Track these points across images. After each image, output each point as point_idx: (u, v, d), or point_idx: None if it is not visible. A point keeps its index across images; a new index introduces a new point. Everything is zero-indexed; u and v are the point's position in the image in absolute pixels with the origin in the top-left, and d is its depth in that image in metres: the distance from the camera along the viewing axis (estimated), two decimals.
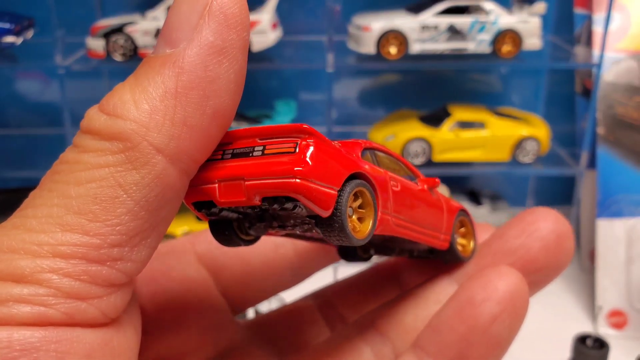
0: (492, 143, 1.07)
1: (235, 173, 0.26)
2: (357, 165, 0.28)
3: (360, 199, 0.28)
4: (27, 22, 1.05)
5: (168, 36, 0.26)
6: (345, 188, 0.26)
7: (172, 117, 0.25)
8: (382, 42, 1.00)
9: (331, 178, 0.26)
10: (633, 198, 0.99)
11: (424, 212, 0.34)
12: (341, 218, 0.26)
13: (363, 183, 0.28)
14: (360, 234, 0.27)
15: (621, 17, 1.03)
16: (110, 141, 0.24)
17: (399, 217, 0.31)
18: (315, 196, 0.25)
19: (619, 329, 0.95)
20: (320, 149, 0.26)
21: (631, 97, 1.01)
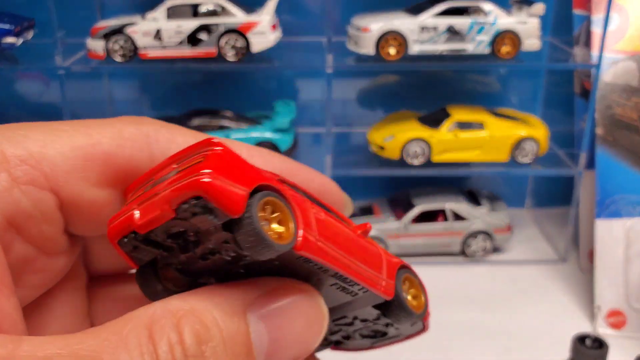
0: (490, 144, 1.07)
1: (150, 194, 0.27)
2: (270, 180, 0.27)
3: (278, 213, 0.27)
4: (27, 23, 1.06)
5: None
6: (255, 194, 0.26)
7: None
8: (381, 43, 1.01)
9: (240, 181, 0.26)
10: (631, 198, 1.00)
11: (357, 249, 0.31)
12: (253, 218, 0.25)
13: (278, 196, 0.27)
14: (280, 240, 0.26)
15: (619, 18, 1.03)
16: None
17: (326, 243, 0.29)
18: (223, 194, 0.25)
19: (617, 328, 0.95)
20: (229, 156, 0.26)
21: (629, 97, 1.02)
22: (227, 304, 0.27)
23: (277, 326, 0.28)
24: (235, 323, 0.27)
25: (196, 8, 1.01)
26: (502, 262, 1.14)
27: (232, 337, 0.27)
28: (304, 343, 0.29)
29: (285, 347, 0.28)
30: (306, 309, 0.29)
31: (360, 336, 0.37)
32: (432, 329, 1.09)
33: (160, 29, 0.99)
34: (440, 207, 1.11)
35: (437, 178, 1.14)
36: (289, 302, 0.28)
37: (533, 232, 1.24)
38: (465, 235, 1.12)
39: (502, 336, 0.93)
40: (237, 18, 1.00)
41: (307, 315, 0.29)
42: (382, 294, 0.32)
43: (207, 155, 0.26)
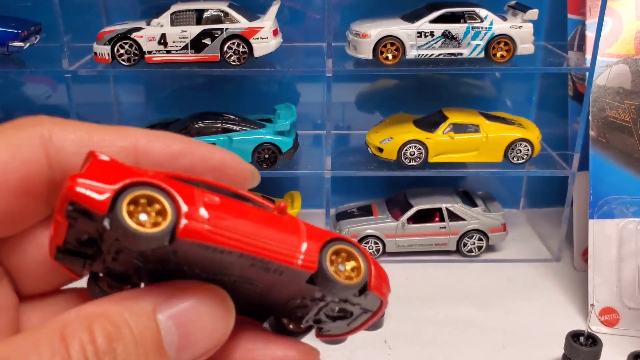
0: (485, 146, 1.09)
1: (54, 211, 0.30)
2: (144, 175, 0.29)
3: (158, 206, 0.29)
4: (34, 27, 1.07)
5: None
6: (125, 190, 0.28)
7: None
8: (379, 48, 1.03)
9: (108, 180, 0.28)
10: (624, 199, 1.01)
11: (265, 227, 0.32)
12: (116, 214, 0.27)
13: (150, 187, 0.29)
14: (154, 229, 0.28)
15: (613, 22, 1.05)
16: None
17: (219, 226, 0.30)
18: (88, 195, 0.27)
19: (611, 326, 0.96)
20: (102, 163, 0.29)
21: (622, 100, 1.03)
22: (137, 306, 0.29)
23: (185, 323, 0.30)
24: (145, 322, 0.29)
25: (200, 14, 1.03)
26: (497, 261, 1.15)
27: (143, 334, 0.29)
28: (213, 335, 0.31)
29: (195, 340, 0.31)
30: (211, 305, 0.31)
31: (329, 318, 0.37)
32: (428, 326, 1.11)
33: (165, 34, 1.01)
34: (437, 207, 1.13)
35: (433, 179, 1.16)
36: (195, 300, 0.31)
37: (527, 232, 1.25)
38: (460, 234, 1.13)
39: (497, 333, 0.95)
40: (240, 24, 1.02)
41: (213, 310, 0.31)
42: (301, 268, 0.32)
43: (85, 166, 0.30)
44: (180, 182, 0.31)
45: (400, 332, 0.95)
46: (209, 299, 0.31)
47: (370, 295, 0.34)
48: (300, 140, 1.14)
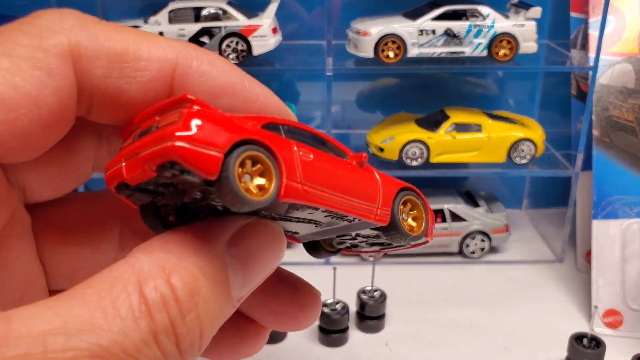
0: (488, 145, 1.08)
1: (134, 149, 0.28)
2: (252, 132, 0.28)
3: (260, 165, 0.28)
4: None
5: None
6: (232, 152, 0.26)
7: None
8: (380, 46, 1.02)
9: (215, 141, 0.26)
10: (627, 200, 1.00)
11: (348, 183, 0.32)
12: (228, 179, 0.26)
13: (256, 147, 0.27)
14: (260, 196, 0.27)
15: (616, 21, 1.04)
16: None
17: (314, 186, 0.30)
18: (197, 158, 0.25)
19: (614, 328, 0.96)
20: (203, 115, 0.26)
21: (626, 99, 1.03)
22: (207, 249, 0.29)
23: (249, 262, 0.31)
24: (217, 267, 0.29)
25: (198, 12, 1.02)
26: (499, 262, 1.15)
27: (216, 280, 0.28)
28: (268, 270, 0.32)
29: (255, 275, 0.31)
30: (270, 243, 0.32)
31: (368, 245, 0.39)
32: (430, 328, 1.10)
33: (162, 32, 1.00)
34: (439, 207, 1.12)
35: (435, 179, 1.15)
36: (258, 240, 0.31)
37: (530, 233, 1.25)
38: (463, 235, 1.13)
39: (500, 335, 0.94)
40: (239, 22, 1.01)
41: (271, 247, 0.32)
42: (375, 221, 0.34)
43: (182, 113, 0.26)
44: (273, 133, 0.30)
45: (402, 334, 0.94)
46: (268, 237, 0.32)
47: (422, 237, 0.37)
48: None
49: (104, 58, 0.30)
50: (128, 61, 0.30)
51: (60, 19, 0.30)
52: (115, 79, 0.30)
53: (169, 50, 0.32)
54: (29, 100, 0.28)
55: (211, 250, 0.29)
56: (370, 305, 0.94)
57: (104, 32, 0.30)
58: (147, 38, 0.32)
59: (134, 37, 0.31)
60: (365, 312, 0.94)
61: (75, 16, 0.30)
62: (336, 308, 0.92)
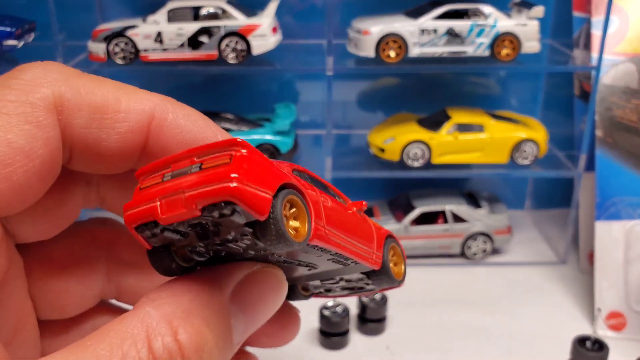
0: (490, 146, 1.07)
1: (176, 188, 0.28)
2: (289, 177, 0.30)
3: (295, 208, 0.30)
4: (28, 25, 1.06)
5: None
6: (279, 194, 0.28)
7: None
8: (381, 46, 1.01)
9: (265, 184, 0.27)
10: (631, 200, 1.00)
11: (354, 228, 0.35)
12: (277, 220, 0.27)
13: (295, 192, 0.29)
14: (297, 237, 0.29)
15: (619, 20, 1.04)
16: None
17: (332, 229, 0.32)
18: (252, 199, 0.26)
19: (617, 330, 0.95)
20: (254, 159, 0.28)
21: (629, 99, 1.02)
22: (213, 300, 0.30)
23: (251, 309, 0.32)
24: (222, 317, 0.30)
25: (197, 11, 1.01)
26: (502, 264, 1.14)
27: (220, 331, 0.30)
28: (270, 314, 0.34)
29: (256, 321, 0.33)
30: (272, 288, 0.33)
31: (341, 289, 0.41)
32: (431, 331, 1.10)
33: (161, 31, 1.00)
34: (440, 209, 1.11)
35: (437, 180, 1.15)
36: (261, 286, 0.33)
37: (533, 234, 1.24)
38: (465, 237, 1.12)
39: (502, 338, 0.94)
40: (238, 21, 1.01)
41: (273, 292, 0.33)
42: (372, 265, 0.37)
43: (234, 157, 0.27)
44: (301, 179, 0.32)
45: (403, 337, 0.94)
46: (271, 282, 0.33)
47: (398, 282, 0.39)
48: (300, 141, 1.13)
49: (85, 110, 0.31)
50: (107, 113, 0.32)
51: (44, 72, 0.31)
52: (95, 130, 0.32)
53: (146, 103, 0.33)
54: (22, 154, 0.29)
55: (217, 302, 0.30)
56: (371, 307, 0.93)
57: (86, 86, 0.32)
58: (127, 91, 0.33)
59: (114, 90, 0.33)
60: (366, 315, 0.93)
61: (59, 69, 0.32)
62: (337, 311, 0.91)
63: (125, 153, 0.33)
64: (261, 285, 0.33)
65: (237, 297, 0.31)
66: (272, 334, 0.39)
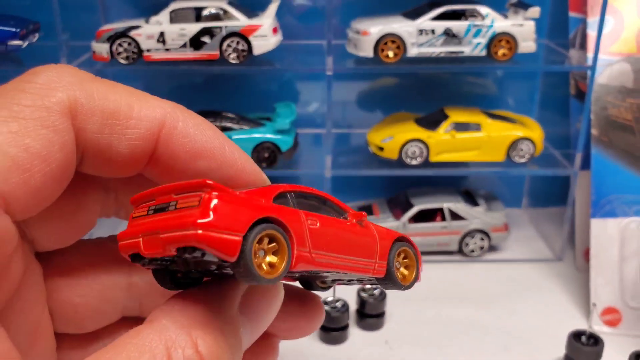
0: (487, 144, 1.08)
1: (153, 228, 0.29)
2: (266, 210, 0.30)
3: (274, 242, 0.30)
4: (32, 26, 1.07)
5: None
6: (250, 233, 0.28)
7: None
8: (380, 46, 1.02)
9: (234, 225, 0.28)
10: (626, 198, 1.01)
11: (350, 245, 0.35)
12: (246, 262, 0.28)
13: (272, 226, 0.29)
14: (271, 274, 0.29)
15: (614, 21, 1.05)
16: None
17: (320, 252, 0.32)
18: (218, 244, 0.27)
19: (613, 326, 0.96)
20: (223, 200, 0.28)
21: (624, 98, 1.03)
22: (225, 310, 0.31)
23: (257, 318, 0.33)
24: (234, 327, 0.31)
25: (199, 12, 1.02)
26: (499, 261, 1.15)
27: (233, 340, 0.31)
28: (270, 319, 0.35)
29: (260, 329, 0.34)
30: (273, 297, 0.35)
31: (358, 281, 0.41)
32: (430, 327, 1.11)
33: (163, 32, 1.01)
34: (438, 206, 1.12)
35: (435, 178, 1.15)
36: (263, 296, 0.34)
37: (529, 232, 1.25)
38: (462, 234, 1.13)
39: (499, 333, 0.94)
40: (239, 22, 1.02)
41: (273, 300, 0.35)
42: (374, 275, 0.36)
43: (203, 199, 0.28)
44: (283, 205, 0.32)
45: (402, 332, 0.95)
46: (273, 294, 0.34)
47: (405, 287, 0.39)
48: (300, 139, 1.14)
49: (98, 115, 0.31)
50: (119, 119, 0.32)
51: (58, 76, 0.31)
52: (107, 136, 0.32)
53: (158, 111, 0.33)
54: (39, 159, 0.29)
55: (228, 311, 0.31)
56: (370, 303, 0.94)
57: (99, 91, 0.32)
58: (139, 97, 0.33)
59: (127, 97, 0.33)
60: (365, 310, 0.94)
61: (72, 73, 0.32)
62: (336, 306, 0.92)
63: (134, 159, 0.33)
64: (264, 296, 0.33)
65: (243, 307, 0.32)
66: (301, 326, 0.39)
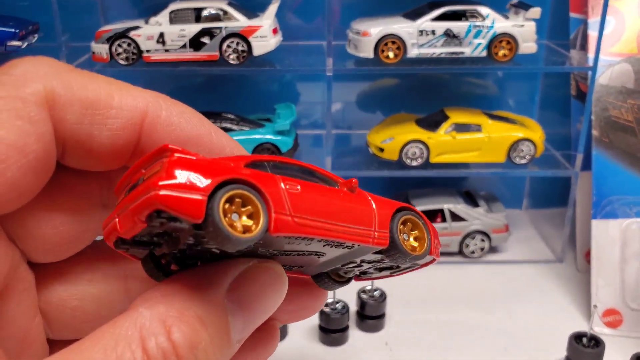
0: (488, 145, 1.08)
1: (124, 204, 0.28)
2: (232, 172, 0.28)
3: (249, 206, 0.28)
4: (31, 27, 1.07)
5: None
6: (216, 193, 0.27)
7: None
8: (380, 47, 1.02)
9: (197, 186, 0.26)
10: (627, 199, 1.01)
11: (340, 209, 0.32)
12: (214, 220, 0.26)
13: (240, 186, 0.28)
14: (247, 235, 0.27)
15: (615, 21, 1.05)
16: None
17: (304, 216, 0.30)
18: (181, 204, 0.26)
19: (614, 327, 0.96)
20: (183, 162, 0.27)
21: (625, 99, 1.03)
22: (207, 298, 0.29)
23: (249, 305, 0.31)
24: (217, 314, 0.29)
25: (199, 12, 1.02)
26: (499, 262, 1.15)
27: (216, 329, 0.29)
28: (270, 310, 0.33)
29: (255, 318, 0.32)
30: (271, 284, 0.32)
31: (377, 270, 0.38)
32: (430, 328, 1.10)
33: (163, 32, 1.01)
34: (439, 207, 1.12)
35: (435, 179, 1.15)
36: (258, 282, 0.31)
37: (530, 233, 1.25)
38: (463, 235, 1.13)
39: (500, 335, 0.94)
40: (239, 22, 1.02)
41: (272, 288, 0.32)
42: (375, 245, 0.34)
43: (164, 163, 0.27)
44: (258, 170, 0.30)
45: (402, 334, 0.95)
46: (269, 279, 0.32)
47: (427, 256, 0.36)
48: (300, 140, 1.14)
49: (76, 105, 0.31)
50: (99, 109, 0.31)
51: (35, 67, 0.30)
52: (87, 126, 0.31)
53: (139, 100, 0.32)
54: (15, 150, 0.28)
55: (212, 299, 0.29)
56: (370, 304, 0.94)
57: (78, 81, 0.31)
58: (120, 87, 0.32)
59: (107, 86, 0.32)
60: (365, 312, 0.94)
61: (50, 64, 0.31)
62: (336, 307, 0.92)
63: (117, 150, 0.32)
64: (258, 281, 0.32)
65: (234, 294, 0.31)
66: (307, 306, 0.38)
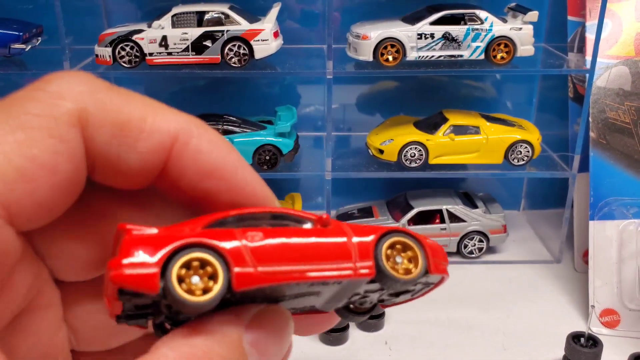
0: (486, 147, 1.09)
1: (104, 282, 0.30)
2: (184, 237, 0.29)
3: (208, 267, 0.29)
4: (35, 29, 1.08)
5: None
6: (168, 264, 0.28)
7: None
8: (379, 50, 1.03)
9: (148, 261, 0.28)
10: (624, 201, 1.01)
11: (309, 249, 0.32)
12: (168, 289, 0.27)
13: (192, 250, 0.29)
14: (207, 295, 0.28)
15: (612, 24, 1.05)
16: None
17: (269, 265, 0.30)
18: (136, 280, 0.27)
19: (611, 327, 0.97)
20: (136, 240, 0.28)
21: (622, 101, 1.04)
22: (229, 340, 0.30)
23: (265, 347, 0.32)
24: (235, 354, 0.30)
25: (201, 16, 1.03)
26: (497, 263, 1.15)
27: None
28: (282, 352, 0.33)
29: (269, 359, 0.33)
30: (281, 326, 0.33)
31: (392, 296, 0.37)
32: (429, 328, 1.11)
33: (166, 36, 1.02)
34: (437, 208, 1.13)
35: (433, 180, 1.16)
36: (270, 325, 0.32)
37: (528, 233, 1.26)
38: (461, 236, 1.13)
39: (498, 335, 0.95)
40: (241, 26, 1.03)
41: (282, 329, 0.33)
42: (360, 277, 0.32)
43: (119, 244, 0.29)
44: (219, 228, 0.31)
45: (401, 333, 0.95)
46: (280, 321, 0.33)
47: (432, 276, 0.35)
48: (301, 142, 1.15)
49: (107, 127, 0.31)
50: (130, 131, 0.31)
51: (70, 85, 0.30)
52: (116, 147, 0.31)
53: (172, 124, 0.32)
54: (46, 170, 0.29)
55: (233, 341, 0.30)
56: None
57: (113, 101, 0.31)
58: (154, 109, 0.32)
59: (141, 108, 0.32)
60: None
61: (85, 82, 0.31)
62: None
63: (145, 172, 0.32)
64: (271, 323, 0.32)
65: (249, 335, 0.31)
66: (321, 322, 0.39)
